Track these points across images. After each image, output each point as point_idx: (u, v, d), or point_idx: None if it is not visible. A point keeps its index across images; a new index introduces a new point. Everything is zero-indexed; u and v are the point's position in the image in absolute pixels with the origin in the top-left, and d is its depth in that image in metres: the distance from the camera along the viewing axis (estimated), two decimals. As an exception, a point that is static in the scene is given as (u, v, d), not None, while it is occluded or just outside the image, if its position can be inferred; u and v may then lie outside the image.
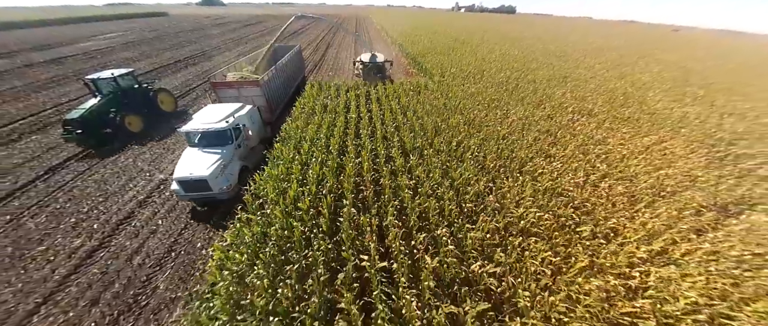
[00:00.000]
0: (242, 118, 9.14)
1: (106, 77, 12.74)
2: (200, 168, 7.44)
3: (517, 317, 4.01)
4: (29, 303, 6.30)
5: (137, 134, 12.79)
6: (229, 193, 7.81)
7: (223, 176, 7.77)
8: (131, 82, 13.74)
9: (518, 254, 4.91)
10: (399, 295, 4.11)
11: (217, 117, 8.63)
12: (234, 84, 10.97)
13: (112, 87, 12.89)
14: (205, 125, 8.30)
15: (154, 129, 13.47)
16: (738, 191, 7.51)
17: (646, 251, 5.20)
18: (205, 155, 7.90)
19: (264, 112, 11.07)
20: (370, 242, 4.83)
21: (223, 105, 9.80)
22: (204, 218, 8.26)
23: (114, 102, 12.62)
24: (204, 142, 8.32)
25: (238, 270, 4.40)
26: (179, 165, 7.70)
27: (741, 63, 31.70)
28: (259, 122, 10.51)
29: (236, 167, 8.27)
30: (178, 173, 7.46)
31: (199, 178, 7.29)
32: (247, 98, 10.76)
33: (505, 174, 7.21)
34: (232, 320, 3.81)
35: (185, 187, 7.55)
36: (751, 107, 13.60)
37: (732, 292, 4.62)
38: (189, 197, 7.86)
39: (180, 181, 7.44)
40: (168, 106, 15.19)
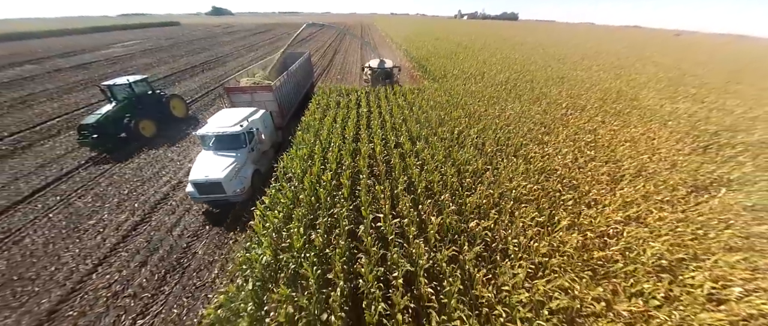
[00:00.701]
0: (256, 122, 9.29)
1: (121, 84, 13.12)
2: (215, 171, 7.60)
3: (507, 259, 4.87)
4: (88, 264, 7.32)
5: (150, 138, 13.20)
6: (242, 195, 7.95)
7: (237, 178, 7.90)
8: (145, 88, 14.14)
9: (510, 215, 5.79)
10: (409, 242, 5.02)
11: (232, 121, 8.79)
12: (247, 89, 11.15)
13: (127, 93, 13.24)
14: (220, 128, 8.48)
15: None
16: (715, 174, 8.29)
17: (622, 216, 6.03)
18: (219, 158, 8.07)
19: (276, 117, 11.28)
20: (384, 204, 5.76)
21: (237, 109, 10.05)
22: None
23: (129, 108, 12.98)
24: (219, 145, 8.51)
25: (276, 225, 5.35)
26: (195, 168, 7.87)
27: (736, 64, 32.26)
28: (271, 126, 10.75)
29: (249, 171, 8.35)
30: (194, 175, 7.62)
31: (214, 180, 7.43)
32: (260, 102, 10.97)
33: (501, 157, 8.11)
34: (274, 257, 4.74)
35: (200, 189, 7.70)
36: (738, 104, 14.32)
37: (695, 247, 5.42)
38: (203, 200, 8.04)
39: (195, 183, 7.58)
40: (180, 111, 15.58)
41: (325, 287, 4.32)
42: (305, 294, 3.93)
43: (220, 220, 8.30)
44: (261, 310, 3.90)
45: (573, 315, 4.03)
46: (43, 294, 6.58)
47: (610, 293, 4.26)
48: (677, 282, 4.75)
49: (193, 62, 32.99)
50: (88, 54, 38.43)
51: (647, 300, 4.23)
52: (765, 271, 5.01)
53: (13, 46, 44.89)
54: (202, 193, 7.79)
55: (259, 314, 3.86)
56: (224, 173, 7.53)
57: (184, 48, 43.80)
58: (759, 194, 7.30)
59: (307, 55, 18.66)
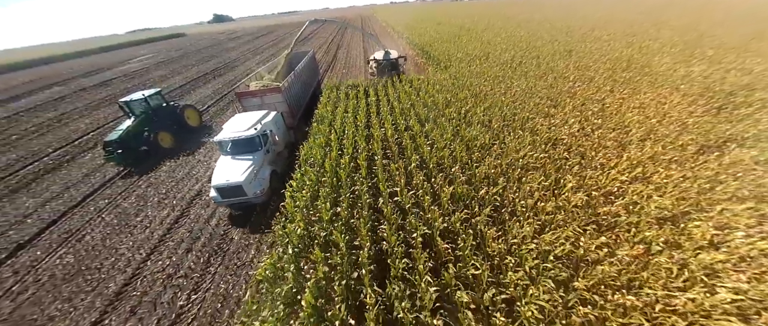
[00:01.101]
0: (268, 124, 9.48)
1: (137, 98, 13.52)
2: (235, 175, 7.85)
3: (515, 219, 5.31)
4: (142, 253, 8.33)
5: (169, 149, 13.65)
6: (262, 197, 8.23)
7: (256, 180, 8.17)
8: (160, 101, 14.48)
9: (517, 182, 6.19)
10: (425, 210, 5.55)
11: (246, 125, 9.01)
12: (257, 93, 11.30)
13: (144, 107, 13.66)
14: (235, 133, 8.74)
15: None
16: (728, 133, 8.26)
17: (628, 176, 6.30)
18: (237, 162, 8.33)
19: (286, 117, 11.41)
20: (399, 180, 6.30)
21: (250, 113, 10.31)
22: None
23: (146, 121, 13.41)
24: (235, 150, 8.74)
25: (305, 203, 6.01)
26: (215, 173, 8.21)
27: (760, 20, 30.12)
28: (283, 127, 10.96)
29: (267, 172, 8.64)
30: (216, 180, 7.94)
31: (235, 184, 7.69)
32: (270, 104, 11.11)
33: (507, 131, 8.43)
34: (306, 230, 5.41)
35: (223, 193, 7.99)
36: (759, 62, 13.71)
37: (701, 200, 5.65)
38: (226, 203, 8.38)
39: (218, 188, 7.88)
40: (194, 121, 15.93)
41: (354, 250, 4.95)
42: (337, 254, 4.56)
43: (250, 209, 9.11)
44: (301, 270, 4.57)
45: (577, 261, 4.46)
46: (108, 279, 7.62)
47: (613, 242, 4.64)
48: (680, 231, 5.05)
49: (204, 70, 34.28)
50: (108, 72, 40.60)
51: (649, 246, 4.59)
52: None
53: (39, 71, 47.97)
54: (224, 197, 8.06)
55: (300, 273, 4.53)
56: (244, 176, 7.77)
57: (193, 57, 45.36)
58: None
59: (312, 53, 18.78)
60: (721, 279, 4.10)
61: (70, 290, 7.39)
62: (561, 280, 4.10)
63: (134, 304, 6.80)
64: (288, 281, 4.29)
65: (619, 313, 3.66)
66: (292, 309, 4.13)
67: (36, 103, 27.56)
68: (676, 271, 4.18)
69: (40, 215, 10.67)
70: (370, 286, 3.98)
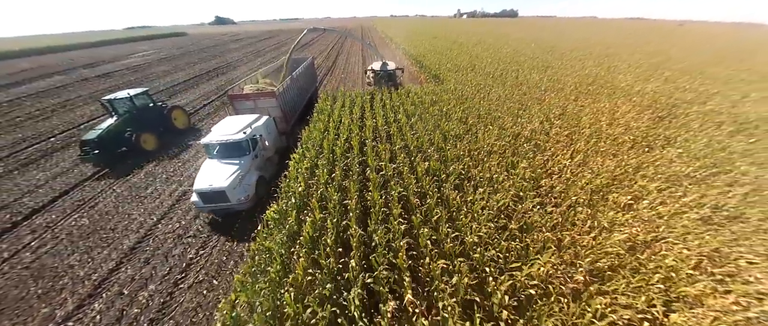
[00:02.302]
0: (259, 128, 9.23)
1: (122, 97, 12.90)
2: (219, 179, 7.56)
3: (474, 186, 6.64)
4: (153, 219, 9.28)
5: (151, 151, 12.96)
6: (246, 203, 7.94)
7: (240, 186, 7.88)
8: (146, 100, 13.89)
9: (481, 162, 7.56)
10: (404, 178, 6.83)
11: (235, 129, 8.78)
12: (250, 96, 11.14)
13: (128, 106, 13.07)
14: (223, 136, 8.49)
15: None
16: (661, 136, 9.91)
17: (570, 162, 7.75)
18: (223, 167, 8.05)
19: (279, 122, 11.28)
20: (385, 157, 7.59)
21: (241, 117, 10.05)
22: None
23: (130, 121, 12.80)
24: (222, 153, 8.49)
25: (306, 170, 7.23)
26: (199, 177, 7.86)
27: (724, 50, 33.33)
28: (275, 132, 10.73)
29: (253, 178, 8.37)
30: (198, 185, 7.59)
31: (218, 189, 7.40)
32: (263, 109, 10.96)
33: (480, 126, 9.88)
34: (306, 188, 6.59)
35: (204, 198, 7.65)
36: (705, 83, 15.81)
37: (623, 178, 7.12)
38: (208, 209, 7.99)
39: (200, 193, 7.57)
40: (181, 122, 15.21)
41: (344, 205, 6.15)
42: (330, 204, 5.76)
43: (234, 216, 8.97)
44: (301, 215, 5.74)
45: (515, 214, 5.78)
46: (123, 238, 8.55)
47: (546, 202, 6.00)
48: (602, 200, 6.45)
49: (207, 68, 35.42)
50: (109, 65, 41.26)
51: (572, 205, 5.96)
52: (670, 192, 6.68)
53: (36, 61, 48.17)
54: (206, 202, 7.71)
55: (299, 218, 5.70)
56: (228, 182, 7.48)
57: (196, 56, 46.47)
58: (693, 146, 8.94)
59: (311, 60, 18.69)
60: (621, 229, 5.46)
61: (87, 245, 8.29)
62: (500, 225, 5.40)
63: (148, 256, 7.76)
64: (290, 221, 5.46)
65: (538, 245, 4.95)
66: (293, 241, 5.28)
67: (38, 90, 28.07)
68: (588, 222, 5.53)
69: (52, 186, 11.48)
70: (355, 225, 5.19)
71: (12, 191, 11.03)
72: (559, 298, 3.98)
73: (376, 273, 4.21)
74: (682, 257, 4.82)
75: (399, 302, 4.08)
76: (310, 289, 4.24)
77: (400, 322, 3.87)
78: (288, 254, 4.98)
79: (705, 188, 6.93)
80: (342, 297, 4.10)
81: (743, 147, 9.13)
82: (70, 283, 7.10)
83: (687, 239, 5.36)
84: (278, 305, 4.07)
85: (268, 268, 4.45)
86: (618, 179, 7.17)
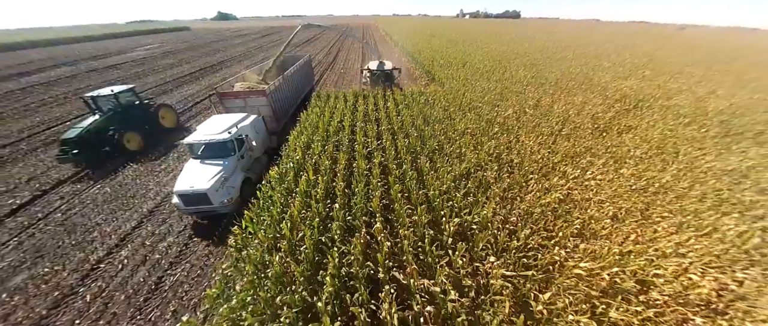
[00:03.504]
0: (246, 128, 9.01)
1: (105, 94, 12.29)
2: (201, 181, 7.26)
3: (446, 159, 7.82)
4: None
5: (136, 151, 12.39)
6: (230, 206, 7.61)
7: (224, 189, 7.57)
8: (132, 98, 13.30)
9: (454, 141, 8.73)
10: (386, 151, 8.00)
11: (220, 128, 8.51)
12: (240, 94, 10.96)
13: (112, 104, 12.47)
14: (207, 136, 8.20)
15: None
16: (623, 124, 11.06)
17: (532, 141, 8.91)
18: (206, 168, 7.75)
19: (270, 122, 11.03)
20: (371, 136, 8.76)
21: (227, 115, 9.87)
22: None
23: (114, 119, 12.21)
24: (206, 153, 8.21)
25: (303, 144, 8.41)
26: (180, 178, 7.53)
27: (711, 53, 34.40)
28: (263, 132, 10.37)
29: (238, 179, 8.06)
30: (179, 186, 7.27)
31: (199, 191, 7.10)
32: (254, 107, 10.74)
33: (459, 113, 11.05)
34: (303, 156, 7.77)
35: (186, 200, 7.31)
36: (678, 82, 16.94)
37: (575, 155, 8.28)
38: (190, 211, 7.67)
39: (180, 194, 7.23)
40: (169, 121, 14.62)
41: (334, 170, 7.33)
42: (322, 168, 6.94)
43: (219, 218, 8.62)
44: (297, 176, 6.93)
45: (477, 179, 6.95)
46: (142, 203, 9.70)
47: (503, 171, 7.17)
48: (553, 171, 7.62)
49: (211, 62, 36.57)
50: (115, 57, 42.38)
51: (525, 173, 7.13)
52: (615, 167, 7.85)
53: (44, 52, 49.33)
54: (188, 204, 7.37)
55: (296, 177, 6.89)
56: (210, 184, 7.20)
57: (200, 50, 47.58)
58: (647, 134, 10.09)
59: (307, 58, 18.29)
60: (560, 191, 6.62)
61: (111, 208, 9.45)
62: (460, 185, 6.58)
63: (165, 217, 8.93)
64: (289, 179, 6.63)
65: (495, 200, 6.12)
66: (291, 192, 6.46)
67: (48, 79, 29.23)
68: (539, 185, 6.71)
69: (73, 162, 12.61)
70: (341, 182, 6.36)
71: (38, 166, 12.21)
72: (495, 233, 5.16)
73: (354, 211, 5.38)
74: (604, 209, 6.00)
75: (371, 236, 5.27)
76: (302, 224, 5.41)
77: (370, 246, 5.04)
78: (286, 203, 6.16)
79: (646, 165, 8.09)
80: (327, 229, 5.28)
81: (692, 135, 10.28)
82: (98, 236, 8.28)
83: (616, 201, 6.53)
84: (277, 237, 5.25)
85: (270, 209, 5.63)
86: (571, 156, 8.34)
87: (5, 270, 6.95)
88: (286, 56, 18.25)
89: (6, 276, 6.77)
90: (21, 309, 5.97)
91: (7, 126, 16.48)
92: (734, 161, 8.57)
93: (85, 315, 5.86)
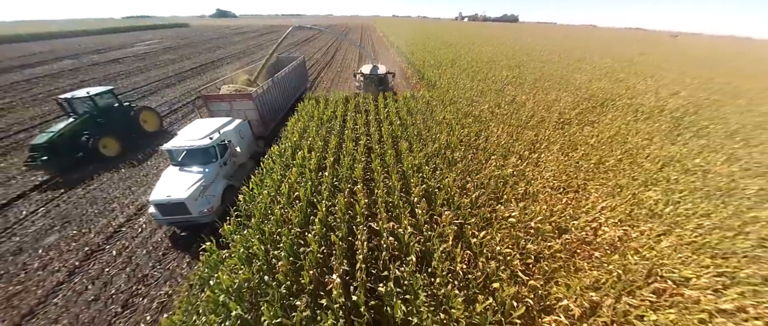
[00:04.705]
0: (229, 133, 8.69)
1: (81, 96, 11.50)
2: (178, 190, 6.83)
3: (424, 142, 9.09)
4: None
5: (114, 157, 11.58)
6: (210, 215, 7.17)
7: (203, 197, 7.17)
8: (110, 100, 12.44)
9: (436, 127, 10.02)
10: (371, 136, 9.25)
11: (202, 133, 8.13)
12: (225, 97, 10.59)
13: (88, 107, 11.67)
14: (187, 141, 7.78)
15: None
16: (587, 119, 12.42)
17: (501, 131, 10.21)
18: (185, 175, 7.35)
19: (257, 126, 10.70)
20: (360, 123, 10.01)
21: (211, 120, 9.45)
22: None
23: (89, 123, 11.46)
24: (187, 160, 7.83)
25: (300, 128, 9.62)
26: (158, 186, 7.08)
27: (692, 58, 36.20)
28: (249, 137, 10.00)
29: (219, 187, 7.68)
30: (156, 195, 6.78)
31: (176, 201, 6.67)
32: (240, 111, 10.43)
33: (440, 106, 12.34)
34: (301, 135, 8.98)
35: (163, 210, 6.84)
36: (645, 83, 18.42)
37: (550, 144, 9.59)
38: (167, 222, 7.21)
39: (157, 204, 6.76)
40: (151, 125, 13.80)
41: (325, 151, 8.56)
42: (315, 146, 8.15)
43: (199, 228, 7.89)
44: (295, 153, 8.15)
45: (449, 158, 8.22)
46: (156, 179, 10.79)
47: (472, 154, 8.46)
48: (515, 154, 8.91)
49: (212, 58, 37.57)
50: (116, 51, 43.15)
51: (488, 155, 8.42)
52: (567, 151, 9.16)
53: (46, 45, 49.84)
54: (165, 214, 6.91)
55: (294, 154, 8.12)
56: (188, 192, 6.77)
57: (200, 46, 48.49)
58: (603, 127, 11.45)
59: (301, 59, 17.85)
60: (513, 165, 7.91)
61: (128, 184, 10.50)
62: (431, 161, 7.86)
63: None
64: (287, 154, 7.85)
65: (457, 172, 7.39)
66: (289, 164, 7.69)
67: (51, 72, 30.04)
68: (497, 163, 7.99)
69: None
70: (331, 157, 7.60)
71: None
72: (451, 194, 6.43)
73: (340, 178, 6.62)
74: (548, 182, 7.29)
75: (352, 194, 6.50)
76: (298, 186, 6.64)
77: (352, 206, 6.27)
78: (284, 173, 7.38)
79: (597, 151, 9.42)
80: (318, 192, 6.51)
81: (645, 128, 11.66)
82: (118, 207, 9.36)
83: (560, 177, 7.82)
84: (277, 196, 6.46)
85: (272, 175, 6.85)
86: (532, 143, 9.65)
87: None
88: (280, 57, 18.07)
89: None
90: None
91: (19, 114, 17.44)
92: (674, 149, 9.94)
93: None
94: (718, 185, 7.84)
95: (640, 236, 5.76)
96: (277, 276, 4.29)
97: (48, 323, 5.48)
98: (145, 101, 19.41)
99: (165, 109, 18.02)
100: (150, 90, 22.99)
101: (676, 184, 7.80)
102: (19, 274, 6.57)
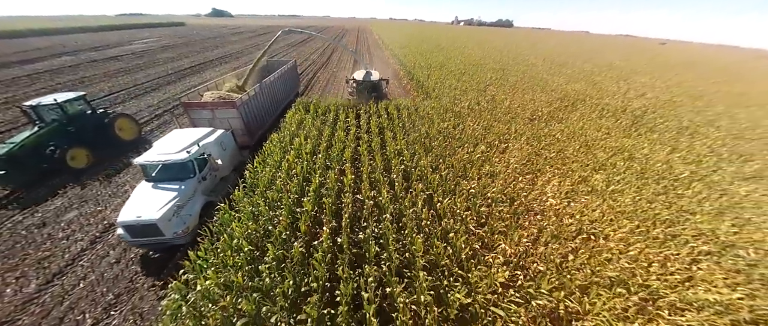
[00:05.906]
0: (209, 146, 8.03)
1: (47, 103, 10.49)
2: (150, 210, 6.17)
3: (407, 133, 10.30)
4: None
5: (83, 169, 10.54)
6: (185, 237, 6.55)
7: (177, 218, 6.53)
8: (82, 107, 11.49)
9: (418, 120, 11.24)
10: (362, 128, 10.43)
11: (179, 146, 7.44)
12: (207, 105, 9.91)
13: (57, 115, 10.72)
14: (162, 155, 7.08)
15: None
16: (559, 116, 13.79)
17: (477, 124, 11.49)
18: (158, 193, 6.67)
19: (241, 135, 10.13)
20: (352, 117, 11.18)
21: (190, 131, 8.73)
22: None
23: (56, 133, 10.48)
24: (162, 175, 7.14)
25: (297, 121, 10.75)
26: (127, 206, 6.34)
27: (671, 64, 38.33)
28: (232, 148, 9.38)
29: (197, 205, 7.06)
30: (124, 216, 6.07)
31: (147, 222, 6.00)
32: (223, 120, 9.81)
33: (422, 102, 13.60)
34: (298, 126, 10.10)
35: (132, 232, 6.13)
36: (616, 86, 20.00)
37: (519, 135, 10.87)
38: (137, 244, 6.45)
39: (126, 226, 6.03)
40: (128, 133, 12.74)
41: (320, 136, 9.70)
42: (311, 135, 9.29)
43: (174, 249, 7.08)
44: (291, 142, 9.29)
45: (426, 145, 9.43)
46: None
47: (454, 147, 9.71)
48: (484, 142, 10.16)
49: (210, 57, 38.39)
50: (114, 49, 43.60)
51: (462, 144, 9.66)
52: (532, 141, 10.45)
53: (45, 41, 49.98)
54: (135, 236, 6.21)
55: (291, 143, 9.24)
56: (161, 213, 6.15)
57: (198, 45, 49.19)
58: (570, 123, 12.81)
59: (293, 63, 17.22)
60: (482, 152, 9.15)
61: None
62: (407, 147, 9.06)
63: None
64: (285, 141, 8.98)
65: (432, 156, 8.59)
66: (286, 153, 8.82)
67: (51, 67, 30.57)
68: (467, 149, 9.23)
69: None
70: (324, 143, 8.75)
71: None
72: (424, 172, 7.64)
73: (331, 158, 7.78)
74: (510, 165, 8.55)
75: (342, 172, 7.66)
76: (295, 165, 7.77)
77: (340, 180, 7.43)
78: (284, 155, 8.51)
79: (558, 142, 10.73)
80: (311, 169, 7.66)
81: (607, 124, 13.06)
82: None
83: (526, 163, 9.08)
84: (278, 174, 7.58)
85: (273, 156, 7.98)
86: (501, 134, 10.94)
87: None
88: (270, 61, 17.38)
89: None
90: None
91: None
92: (628, 142, 11.32)
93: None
94: (656, 170, 9.19)
95: (578, 206, 7.03)
96: (278, 228, 5.41)
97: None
98: (146, 99, 20.29)
99: (165, 108, 18.90)
100: (151, 87, 23.81)
101: (620, 169, 9.13)
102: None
